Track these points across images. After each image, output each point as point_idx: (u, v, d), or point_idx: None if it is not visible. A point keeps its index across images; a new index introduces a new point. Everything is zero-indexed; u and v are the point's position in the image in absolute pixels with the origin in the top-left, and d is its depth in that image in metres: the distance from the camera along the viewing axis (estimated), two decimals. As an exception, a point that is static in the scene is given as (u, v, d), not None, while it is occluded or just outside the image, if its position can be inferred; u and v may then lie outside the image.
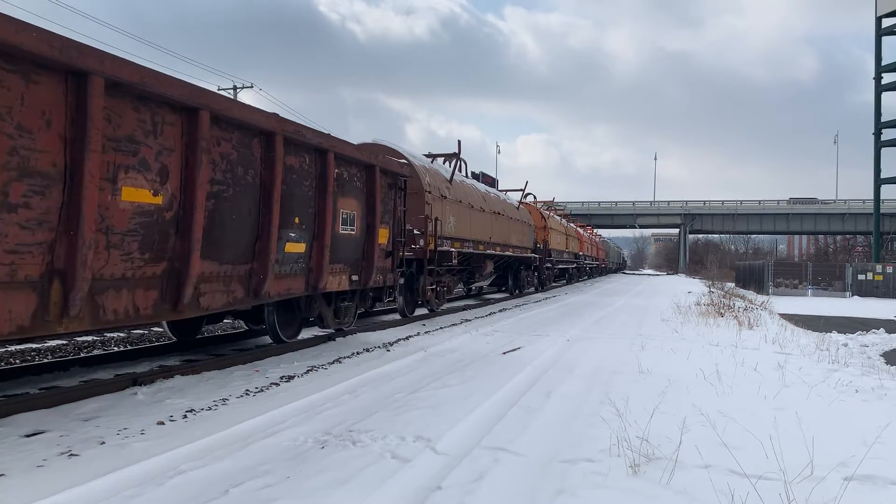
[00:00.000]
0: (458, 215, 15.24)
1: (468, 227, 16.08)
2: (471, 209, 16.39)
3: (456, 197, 15.34)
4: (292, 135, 7.31)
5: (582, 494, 3.67)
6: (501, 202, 20.38)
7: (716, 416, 5.25)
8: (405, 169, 10.97)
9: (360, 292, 10.15)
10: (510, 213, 20.93)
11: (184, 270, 5.79)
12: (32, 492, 3.54)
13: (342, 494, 3.62)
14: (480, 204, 17.47)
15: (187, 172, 5.73)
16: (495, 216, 18.80)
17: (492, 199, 19.20)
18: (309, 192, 7.86)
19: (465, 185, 17.00)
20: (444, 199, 14.38)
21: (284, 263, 7.49)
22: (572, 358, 8.68)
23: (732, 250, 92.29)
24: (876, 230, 53.08)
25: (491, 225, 18.29)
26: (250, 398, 5.98)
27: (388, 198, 10.25)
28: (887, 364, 11.43)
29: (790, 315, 19.80)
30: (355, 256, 9.23)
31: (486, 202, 18.27)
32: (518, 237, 21.74)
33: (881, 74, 51.52)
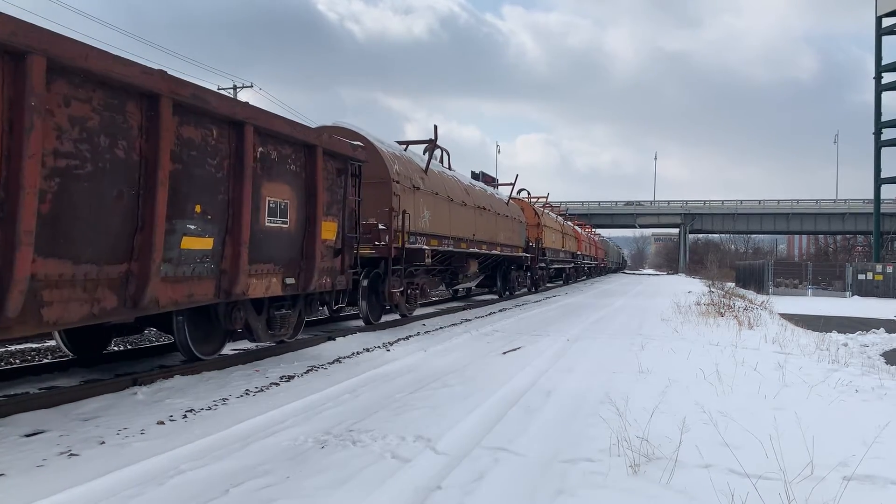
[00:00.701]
0: (434, 209, 13.69)
1: (447, 223, 14.54)
2: (450, 203, 14.80)
3: (432, 189, 13.68)
4: (188, 100, 5.79)
5: (582, 494, 3.67)
6: (488, 197, 18.89)
7: (716, 416, 5.25)
8: (359, 153, 9.28)
9: (303, 298, 8.68)
10: (498, 208, 19.41)
11: (6, 273, 4.30)
12: (32, 492, 3.54)
13: (342, 494, 3.62)
14: (462, 198, 15.93)
15: (12, 140, 4.29)
16: (480, 211, 17.24)
17: (476, 192, 17.74)
18: (218, 173, 6.34)
19: (445, 176, 15.42)
20: (418, 191, 12.81)
21: (182, 263, 5.96)
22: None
23: (732, 250, 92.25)
24: (876, 230, 53.09)
25: (475, 221, 16.74)
26: (250, 398, 5.98)
27: (336, 185, 8.64)
28: (887, 364, 11.43)
29: (790, 315, 19.80)
30: (290, 255, 7.69)
31: (470, 196, 16.72)
32: (507, 235, 20.22)
33: (881, 74, 51.56)
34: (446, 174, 15.71)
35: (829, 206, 74.95)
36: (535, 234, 25.10)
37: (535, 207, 26.99)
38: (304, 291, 8.20)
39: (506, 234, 20.04)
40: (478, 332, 11.51)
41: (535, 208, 26.96)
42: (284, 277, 7.69)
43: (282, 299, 8.22)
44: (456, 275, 16.87)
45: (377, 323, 11.95)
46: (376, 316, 12.10)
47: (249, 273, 6.94)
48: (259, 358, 8.11)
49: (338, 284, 8.91)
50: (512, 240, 20.78)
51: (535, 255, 24.24)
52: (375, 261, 11.53)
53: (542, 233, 25.84)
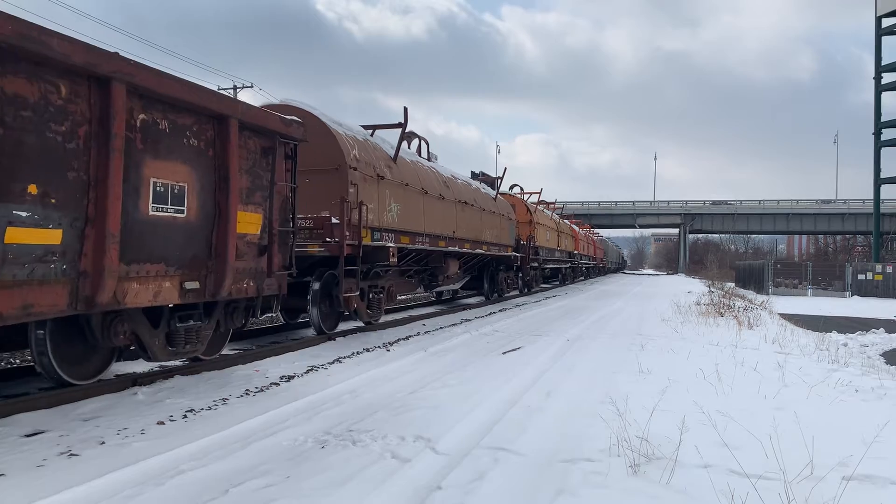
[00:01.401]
0: (405, 202, 12.11)
1: (420, 218, 12.85)
2: (424, 196, 13.09)
3: (401, 179, 12.02)
4: (12, 40, 4.36)
5: (582, 494, 3.67)
6: (472, 191, 17.19)
7: (716, 416, 5.25)
8: (294, 129, 7.61)
9: (223, 306, 7.08)
10: (483, 203, 17.71)
11: None
12: (32, 492, 3.55)
13: (342, 494, 3.62)
14: (440, 191, 14.24)
15: None
16: (462, 207, 15.62)
17: (458, 186, 16.06)
18: (70, 144, 4.91)
19: (420, 166, 13.75)
20: (383, 181, 11.13)
21: (8, 263, 4.50)
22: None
23: (732, 250, 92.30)
24: (876, 230, 53.10)
25: (456, 217, 15.09)
26: (250, 398, 5.98)
27: (260, 168, 7.13)
28: (887, 364, 11.43)
29: (790, 315, 19.80)
30: (190, 253, 6.10)
31: (450, 189, 15.02)
32: (494, 233, 18.60)
33: (881, 74, 51.57)
34: (422, 164, 14.09)
35: (829, 206, 74.96)
36: (527, 232, 23.70)
37: (527, 204, 25.45)
38: (215, 298, 6.52)
39: (493, 231, 18.48)
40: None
41: (528, 205, 25.36)
42: (183, 281, 6.07)
43: (190, 308, 6.60)
44: (435, 276, 15.17)
45: (332, 333, 10.35)
46: (331, 324, 10.49)
47: (127, 275, 5.45)
48: (259, 358, 8.11)
49: (267, 289, 7.33)
50: (500, 238, 19.24)
51: (527, 255, 22.52)
52: (330, 261, 10.02)
53: (534, 231, 24.34)
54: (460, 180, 16.85)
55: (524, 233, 23.34)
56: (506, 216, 20.27)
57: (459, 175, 17.54)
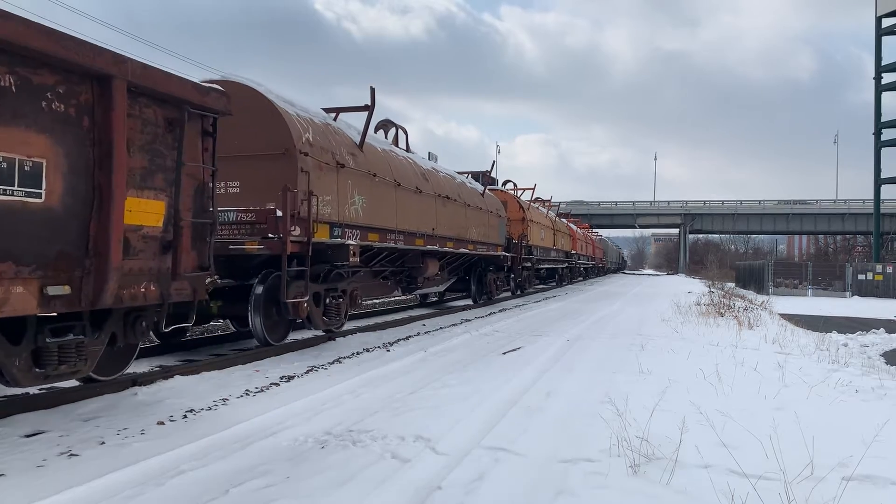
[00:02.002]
0: (372, 195, 10.61)
1: (391, 213, 11.38)
2: (397, 188, 11.64)
3: (367, 168, 10.53)
4: None
5: (582, 494, 3.67)
6: (456, 185, 15.71)
7: (716, 416, 5.25)
8: (212, 98, 6.14)
9: (123, 315, 5.63)
10: (469, 198, 16.29)
11: None
12: (32, 492, 3.55)
13: (342, 494, 3.62)
14: (417, 183, 12.73)
15: None
16: (443, 201, 14.09)
17: (438, 179, 14.48)
18: None
19: (393, 155, 12.21)
20: (343, 170, 9.63)
21: None
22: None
23: (732, 250, 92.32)
24: (876, 230, 53.10)
25: (436, 212, 13.59)
26: (250, 398, 5.98)
27: (163, 144, 5.69)
28: (887, 364, 11.43)
29: (790, 315, 19.80)
30: (56, 248, 4.74)
31: (429, 182, 13.52)
32: (482, 231, 17.21)
33: (881, 74, 51.57)
34: (396, 154, 12.57)
35: (829, 207, 74.95)
36: (519, 230, 22.34)
37: (519, 200, 23.87)
38: (95, 305, 5.06)
39: (480, 229, 17.08)
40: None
41: (520, 201, 23.89)
42: (45, 285, 4.68)
43: (70, 319, 5.11)
44: (414, 278, 13.72)
45: (279, 344, 8.82)
46: (279, 334, 8.91)
47: None
48: (259, 358, 8.11)
49: (174, 294, 5.88)
50: (488, 237, 17.86)
51: (519, 255, 21.29)
52: (272, 260, 8.51)
53: (527, 229, 22.92)
54: (442, 173, 15.30)
55: (516, 231, 22.08)
56: (495, 213, 18.79)
57: (443, 168, 16.03)
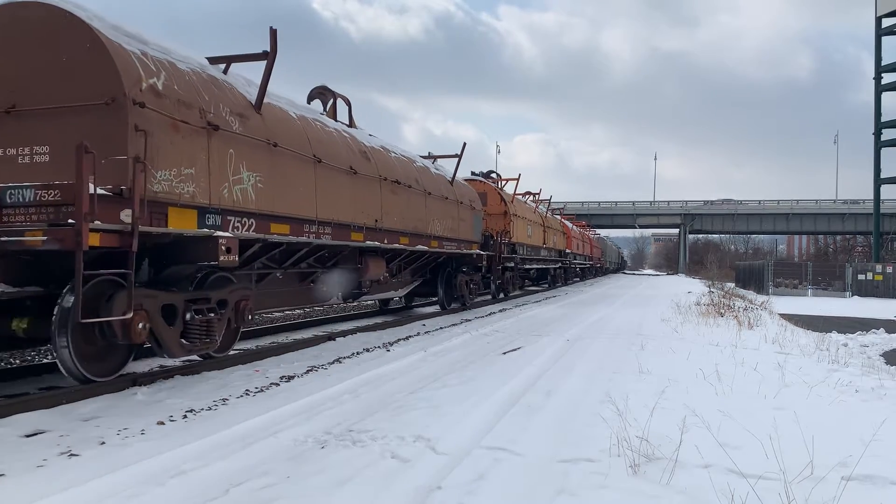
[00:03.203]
0: (272, 172, 7.92)
1: (306, 198, 8.69)
2: (318, 166, 8.92)
3: (265, 136, 7.84)
4: None
5: (582, 494, 3.67)
6: (412, 169, 13.09)
7: (716, 416, 5.25)
8: None
9: None
10: (431, 185, 13.75)
11: None
12: (32, 492, 3.55)
13: (342, 494, 3.62)
14: (352, 162, 10.12)
15: None
16: (392, 187, 11.60)
17: (386, 160, 11.81)
18: None
19: (313, 125, 9.39)
20: (220, 134, 7.02)
21: None
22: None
23: (732, 250, 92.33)
24: (876, 230, 53.14)
25: (381, 200, 11.11)
26: (250, 398, 5.98)
27: None
28: (887, 364, 11.44)
29: (790, 315, 19.80)
30: None
31: (371, 162, 10.91)
32: (449, 224, 14.73)
33: (881, 74, 51.61)
34: (322, 123, 9.81)
35: (829, 206, 74.99)
36: (500, 225, 20.09)
37: (501, 192, 21.53)
38: None
39: (447, 222, 14.61)
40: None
41: (502, 193, 21.51)
42: None
43: None
44: (357, 281, 11.12)
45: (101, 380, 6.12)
46: (105, 366, 6.25)
47: None
48: (259, 358, 8.11)
49: None
50: (459, 231, 15.46)
51: (498, 253, 18.66)
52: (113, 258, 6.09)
53: (510, 224, 20.69)
54: (396, 153, 12.73)
55: (497, 226, 19.88)
56: (467, 205, 16.32)
57: (399, 148, 13.40)
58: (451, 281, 15.98)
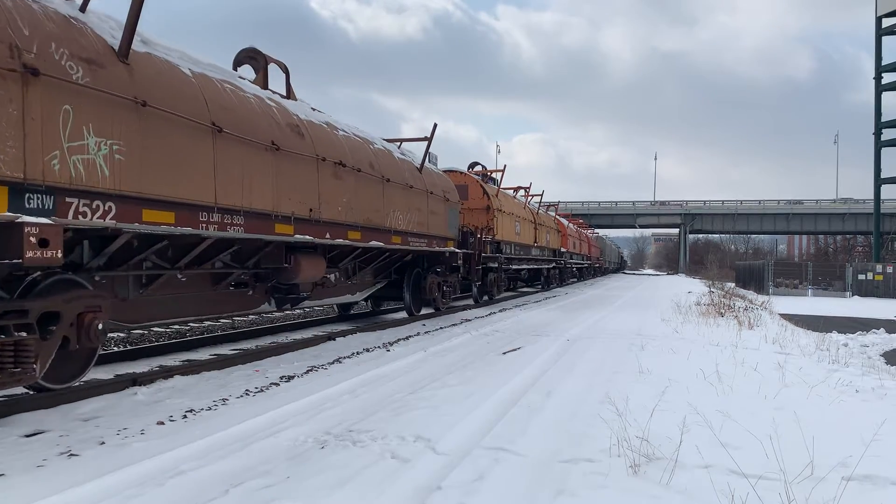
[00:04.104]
0: (142, 141, 6.06)
1: (200, 177, 6.81)
2: (217, 137, 6.99)
3: (130, 92, 5.97)
4: None
5: (582, 494, 3.67)
6: (367, 151, 11.01)
7: (716, 416, 5.25)
8: None
9: None
10: (391, 171, 11.59)
11: None
12: (32, 492, 3.54)
13: (342, 494, 3.62)
14: (273, 135, 8.05)
15: None
16: (336, 170, 9.50)
17: (327, 136, 9.67)
18: None
19: (212, 82, 7.37)
20: (60, 86, 5.29)
21: None
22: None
23: (732, 250, 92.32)
24: (876, 230, 53.13)
25: (319, 185, 9.04)
26: (250, 398, 5.98)
27: None
28: (887, 364, 11.44)
29: (790, 315, 19.80)
30: None
31: (304, 139, 8.81)
32: (416, 217, 12.64)
33: (881, 74, 51.59)
34: (236, 88, 7.83)
35: (829, 206, 75.00)
36: (482, 221, 18.52)
37: (483, 184, 19.54)
38: None
39: (413, 215, 12.55)
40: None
41: (485, 186, 19.57)
42: None
43: None
44: (291, 285, 9.18)
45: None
46: None
47: None
48: (259, 358, 8.11)
49: None
50: (428, 226, 13.40)
51: (478, 251, 16.72)
52: None
53: (494, 220, 18.96)
54: (344, 132, 10.50)
55: (478, 222, 18.29)
56: (440, 196, 14.24)
57: (350, 126, 11.16)
58: (420, 283, 13.99)
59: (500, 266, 19.52)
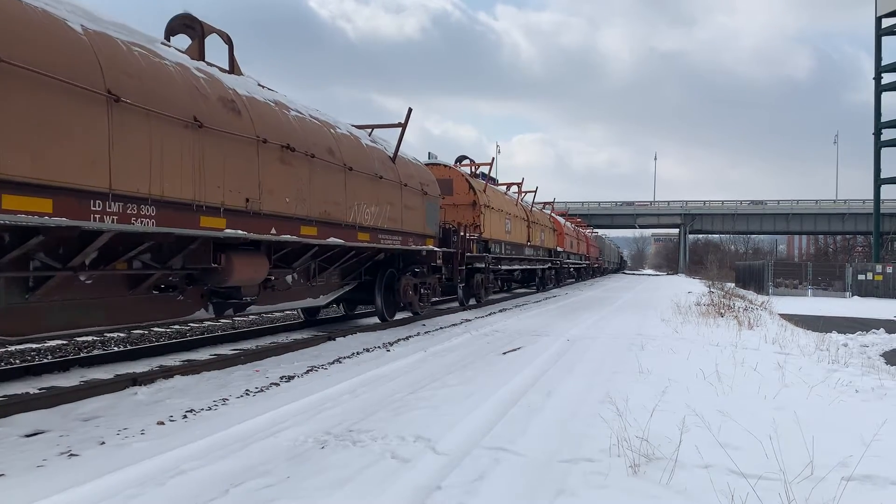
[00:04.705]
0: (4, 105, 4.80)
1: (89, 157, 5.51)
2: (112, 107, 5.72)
3: None
4: None
5: (582, 494, 3.67)
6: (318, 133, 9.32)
7: (716, 416, 5.25)
8: None
9: None
10: (356, 159, 10.16)
11: None
12: (32, 492, 3.55)
13: (342, 494, 3.62)
14: (194, 108, 6.73)
15: None
16: (281, 154, 8.05)
17: (268, 114, 8.13)
18: None
19: (114, 42, 6.08)
20: None
21: None
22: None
23: (732, 250, 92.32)
24: (876, 230, 53.14)
25: (259, 171, 7.66)
26: (250, 398, 5.98)
27: None
28: (887, 364, 11.43)
29: (790, 315, 19.80)
30: None
31: (242, 117, 7.48)
32: (386, 212, 11.24)
33: (881, 74, 51.61)
34: (149, 52, 6.53)
35: (829, 206, 75.03)
36: (468, 217, 17.46)
37: (469, 179, 18.25)
38: None
39: (384, 209, 11.19)
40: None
41: (471, 180, 18.24)
42: None
43: None
44: (233, 289, 7.77)
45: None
46: None
47: None
48: (259, 358, 8.11)
49: None
50: (402, 222, 11.98)
51: (461, 250, 15.25)
52: None
53: (480, 217, 17.72)
54: (297, 112, 9.08)
55: (464, 219, 17.16)
56: (417, 189, 12.74)
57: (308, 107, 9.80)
58: (394, 286, 12.54)
59: (487, 266, 18.24)
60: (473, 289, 17.65)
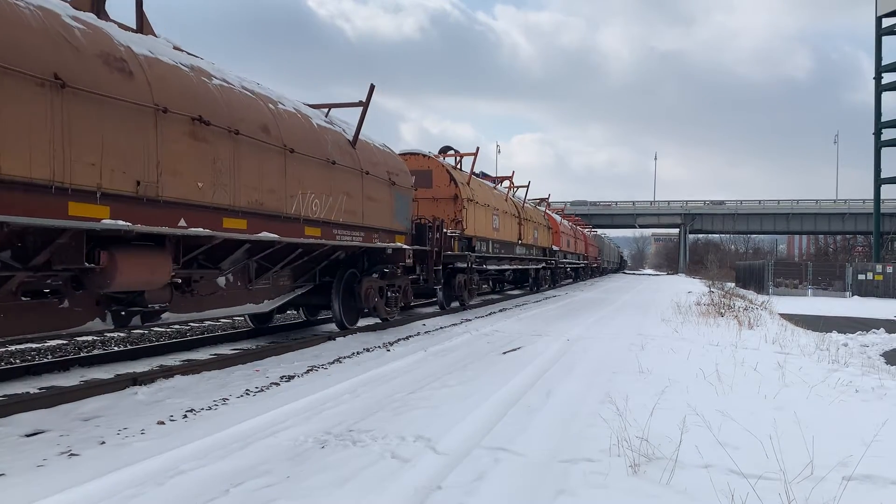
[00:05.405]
0: None
1: None
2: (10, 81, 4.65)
3: None
4: None
5: (582, 494, 3.67)
6: (251, 106, 7.79)
7: (715, 416, 5.25)
8: None
9: None
10: (301, 141, 8.66)
11: None
12: (32, 492, 3.55)
13: (342, 494, 3.62)
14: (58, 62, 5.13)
15: None
16: (191, 128, 6.53)
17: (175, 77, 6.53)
18: None
19: None
20: None
21: None
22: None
23: (732, 250, 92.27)
24: (876, 230, 53.14)
25: (156, 147, 6.10)
26: (250, 398, 5.98)
27: None
28: (887, 364, 11.44)
29: (790, 315, 19.80)
30: None
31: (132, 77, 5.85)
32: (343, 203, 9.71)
33: (881, 74, 51.60)
34: None
35: (829, 206, 75.03)
36: (449, 213, 15.96)
37: (451, 170, 16.56)
38: None
39: (339, 201, 9.66)
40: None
41: (452, 172, 16.55)
42: None
43: None
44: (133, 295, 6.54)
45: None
46: None
47: None
48: (259, 358, 8.11)
49: None
50: (364, 215, 10.42)
51: (437, 248, 13.83)
52: None
53: (462, 212, 16.13)
54: (224, 82, 7.49)
55: (444, 214, 15.75)
56: (383, 178, 11.18)
57: (239, 77, 8.13)
58: (353, 288, 10.99)
59: (470, 266, 16.55)
60: (455, 290, 16.18)
